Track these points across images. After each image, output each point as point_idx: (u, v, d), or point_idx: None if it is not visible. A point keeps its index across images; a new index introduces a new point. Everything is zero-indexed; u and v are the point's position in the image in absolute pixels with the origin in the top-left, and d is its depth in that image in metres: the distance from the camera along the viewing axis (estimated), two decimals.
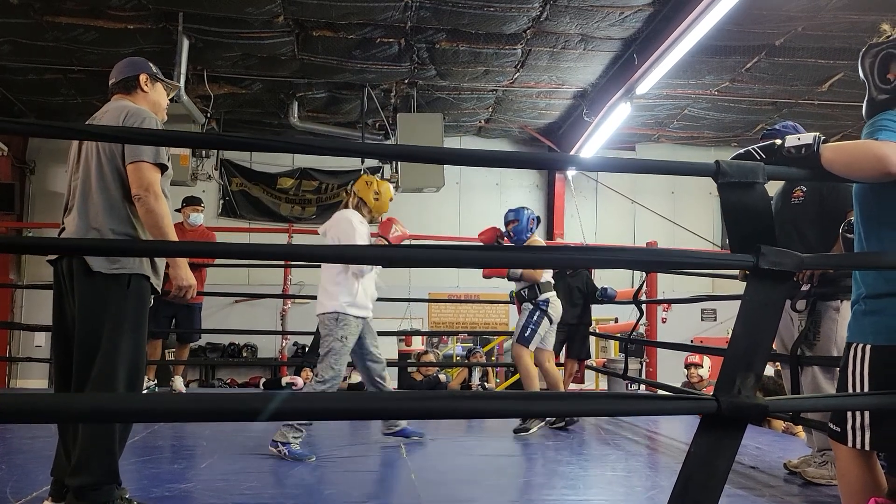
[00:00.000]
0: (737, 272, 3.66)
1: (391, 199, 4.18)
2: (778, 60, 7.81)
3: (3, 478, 3.12)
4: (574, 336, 6.27)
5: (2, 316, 9.58)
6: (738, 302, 1.76)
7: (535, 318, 4.72)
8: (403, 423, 4.19)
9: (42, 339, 9.86)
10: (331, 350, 3.78)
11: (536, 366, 4.79)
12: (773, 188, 2.33)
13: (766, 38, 7.34)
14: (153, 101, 2.85)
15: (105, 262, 2.52)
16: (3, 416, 1.35)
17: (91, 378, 2.48)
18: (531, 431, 4.56)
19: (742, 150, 1.94)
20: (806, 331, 3.29)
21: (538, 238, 5.08)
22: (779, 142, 1.91)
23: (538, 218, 4.95)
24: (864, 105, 2.06)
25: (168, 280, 2.72)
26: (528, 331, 4.70)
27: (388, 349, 8.67)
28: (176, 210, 5.75)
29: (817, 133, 1.92)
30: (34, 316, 9.58)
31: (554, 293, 4.88)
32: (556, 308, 4.84)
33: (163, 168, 2.63)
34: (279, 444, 3.66)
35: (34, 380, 9.71)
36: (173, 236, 2.67)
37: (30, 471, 3.23)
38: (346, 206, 4.07)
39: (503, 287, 8.53)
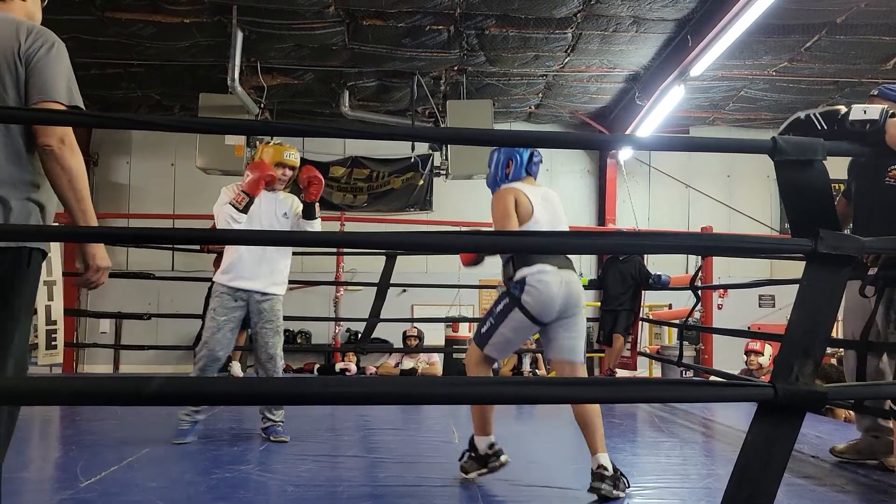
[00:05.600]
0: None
1: (282, 151, 4.24)
2: (839, 38, 7.53)
3: (74, 458, 3.26)
4: (622, 318, 6.20)
5: (69, 303, 9.88)
6: (797, 286, 1.72)
7: (499, 306, 2.94)
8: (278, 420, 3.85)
9: (107, 326, 10.23)
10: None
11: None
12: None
13: (827, 16, 7.09)
14: (31, 13, 2.17)
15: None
16: None
17: None
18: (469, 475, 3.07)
19: (802, 115, 1.82)
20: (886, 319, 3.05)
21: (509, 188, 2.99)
22: (844, 110, 1.80)
23: (522, 158, 3.01)
24: None
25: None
26: (486, 325, 2.98)
27: (435, 335, 8.76)
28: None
29: (885, 106, 1.82)
30: (100, 303, 9.92)
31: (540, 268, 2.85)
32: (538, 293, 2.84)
33: None
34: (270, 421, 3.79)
35: (100, 365, 10.07)
36: (89, 201, 2.06)
37: (98, 451, 3.38)
38: None
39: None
